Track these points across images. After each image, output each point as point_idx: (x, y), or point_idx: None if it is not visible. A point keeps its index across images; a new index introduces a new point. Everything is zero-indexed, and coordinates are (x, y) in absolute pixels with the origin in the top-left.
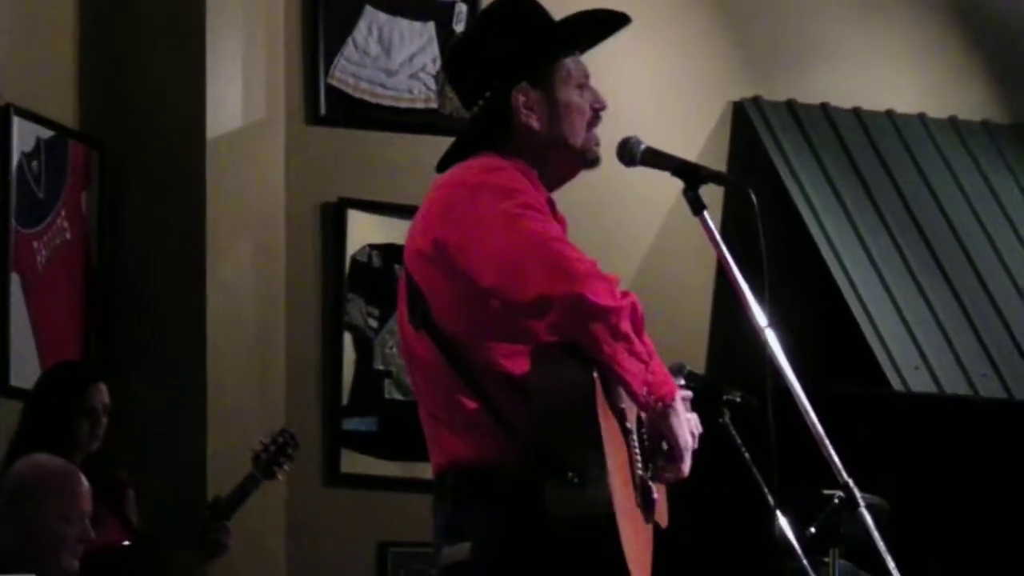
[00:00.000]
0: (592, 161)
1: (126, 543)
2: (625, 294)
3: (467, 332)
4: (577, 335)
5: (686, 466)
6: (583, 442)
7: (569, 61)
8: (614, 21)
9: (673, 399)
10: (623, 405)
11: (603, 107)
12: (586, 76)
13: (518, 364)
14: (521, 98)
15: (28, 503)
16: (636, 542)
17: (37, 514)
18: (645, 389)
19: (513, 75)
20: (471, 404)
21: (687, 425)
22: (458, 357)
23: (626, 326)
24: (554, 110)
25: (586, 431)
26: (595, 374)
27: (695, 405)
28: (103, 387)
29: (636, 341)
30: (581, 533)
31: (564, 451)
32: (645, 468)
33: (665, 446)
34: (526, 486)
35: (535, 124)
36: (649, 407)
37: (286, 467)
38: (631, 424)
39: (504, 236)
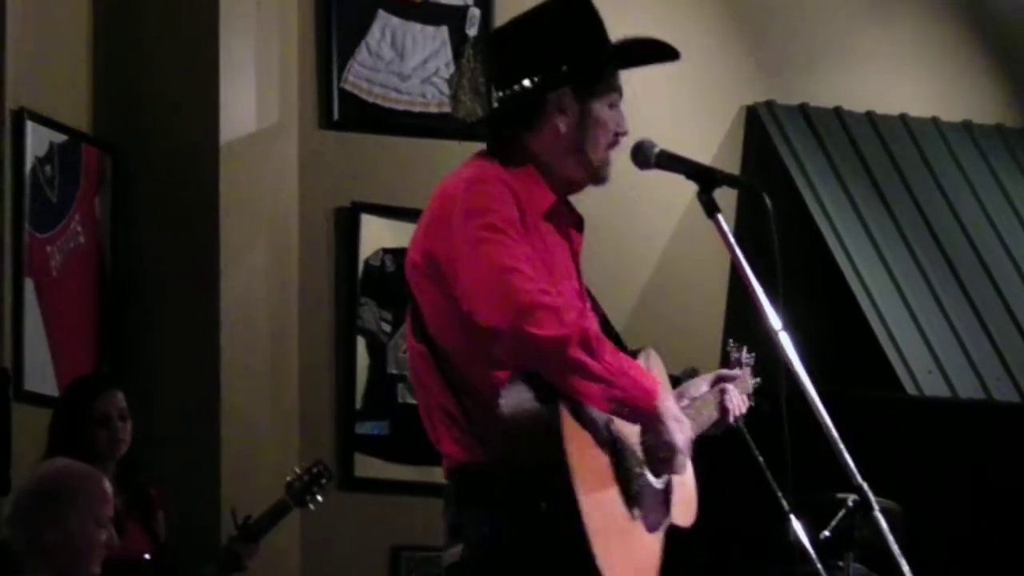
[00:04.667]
0: (602, 179)
1: (147, 555)
2: (580, 315)
3: (456, 347)
4: (528, 367)
5: (679, 466)
6: (549, 472)
7: (613, 78)
8: (665, 53)
9: (654, 407)
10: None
11: (624, 132)
12: (620, 96)
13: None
14: (557, 100)
15: (58, 505)
16: (629, 554)
17: (68, 516)
18: (613, 406)
19: (561, 79)
20: (460, 418)
21: (675, 426)
22: (448, 371)
23: (575, 352)
24: (584, 120)
25: (551, 461)
26: (553, 406)
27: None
28: (117, 393)
29: (592, 363)
30: (556, 559)
31: (533, 480)
32: (653, 473)
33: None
34: (517, 489)
35: (562, 128)
36: (627, 420)
37: (319, 497)
38: (620, 432)
39: (468, 262)
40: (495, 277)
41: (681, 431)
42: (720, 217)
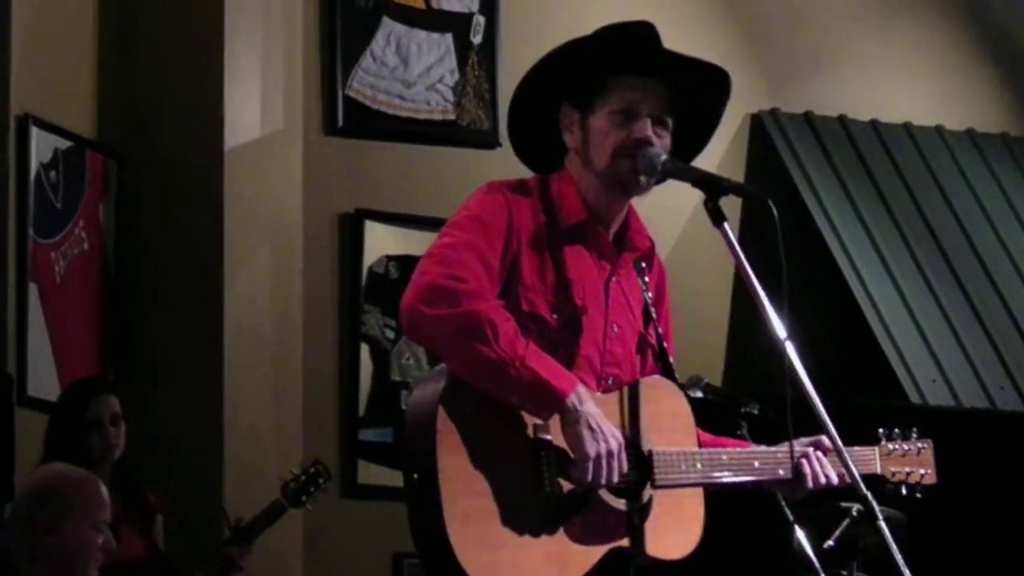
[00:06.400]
0: (623, 186)
1: (144, 559)
2: (474, 301)
3: None
4: (426, 348)
5: (587, 475)
6: (421, 456)
7: (618, 87)
8: (657, 54)
9: (559, 406)
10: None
11: (641, 137)
12: (635, 103)
13: None
14: (564, 117)
15: (55, 510)
16: (510, 550)
17: (64, 521)
18: (514, 399)
19: (557, 93)
20: None
21: (586, 433)
22: None
23: (458, 334)
24: (585, 133)
25: (423, 445)
26: (442, 388)
27: (711, 417)
28: (109, 398)
29: (481, 348)
30: (425, 543)
31: (414, 465)
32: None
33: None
34: (404, 461)
35: (570, 143)
36: (534, 415)
37: (316, 497)
38: (551, 435)
39: None
40: (421, 263)
41: (594, 439)
42: (726, 226)
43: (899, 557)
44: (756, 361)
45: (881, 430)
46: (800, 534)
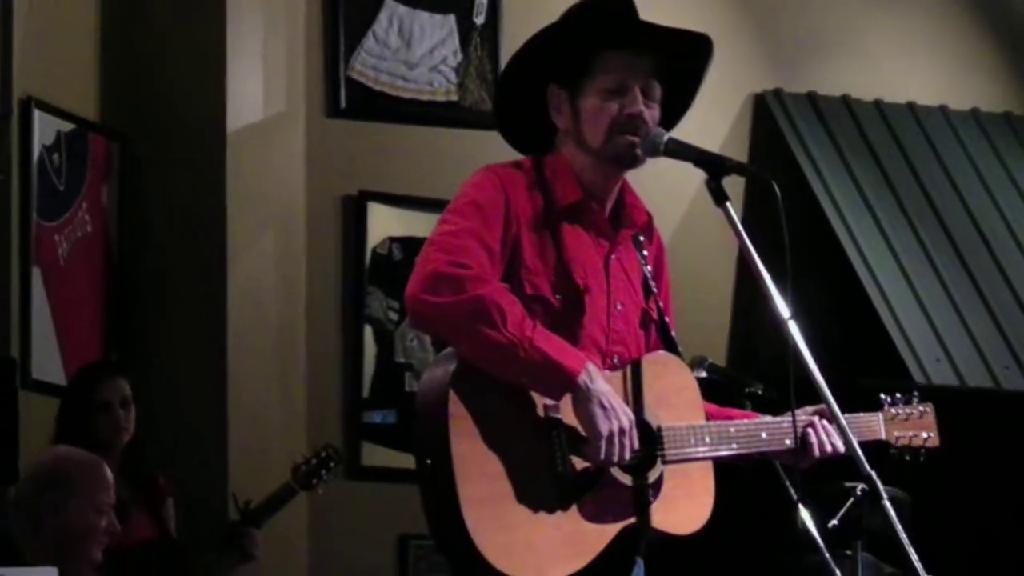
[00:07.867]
0: (618, 161)
1: (154, 542)
2: (479, 286)
3: None
4: (433, 335)
5: (601, 452)
6: (433, 440)
7: (603, 65)
8: (635, 27)
9: (570, 384)
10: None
11: (633, 113)
12: (624, 79)
13: None
14: (552, 98)
15: (57, 492)
16: (527, 532)
17: (67, 503)
18: (524, 379)
19: (543, 75)
20: None
21: (598, 411)
22: None
23: (466, 319)
24: (575, 112)
25: (435, 429)
26: (451, 371)
27: (716, 396)
28: (119, 380)
29: (488, 331)
30: (440, 527)
31: (426, 449)
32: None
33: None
34: (416, 445)
35: (560, 123)
36: (546, 396)
37: (327, 480)
38: (567, 416)
39: None
40: (423, 252)
41: (606, 417)
42: (729, 205)
43: (903, 536)
44: (760, 341)
45: (883, 395)
46: (804, 514)
